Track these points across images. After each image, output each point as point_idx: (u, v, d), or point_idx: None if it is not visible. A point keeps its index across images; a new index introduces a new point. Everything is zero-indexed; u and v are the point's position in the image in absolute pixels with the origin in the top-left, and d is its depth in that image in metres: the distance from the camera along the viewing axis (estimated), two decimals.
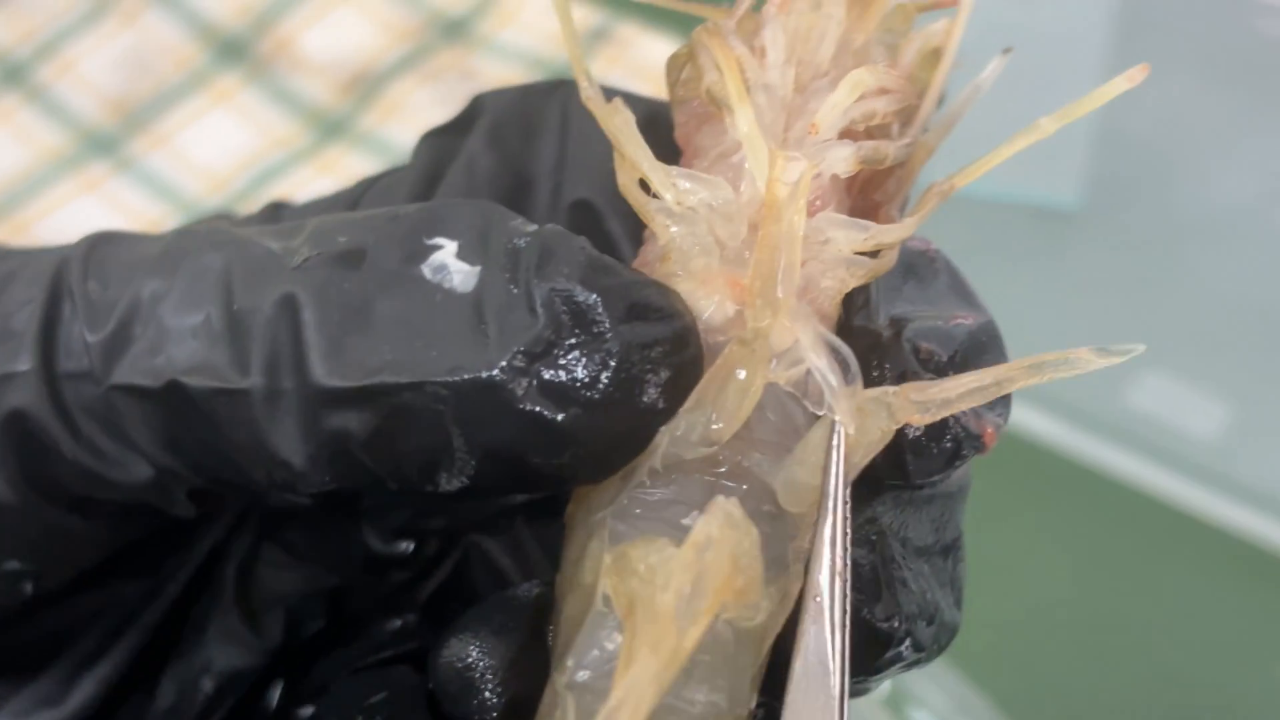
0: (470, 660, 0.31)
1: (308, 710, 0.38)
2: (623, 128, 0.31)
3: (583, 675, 0.29)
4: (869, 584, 0.31)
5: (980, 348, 0.33)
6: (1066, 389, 0.76)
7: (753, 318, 0.29)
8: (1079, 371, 0.30)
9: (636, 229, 0.35)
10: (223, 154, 0.90)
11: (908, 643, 0.32)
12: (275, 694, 0.38)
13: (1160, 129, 0.87)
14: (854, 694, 0.33)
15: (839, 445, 0.30)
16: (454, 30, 0.94)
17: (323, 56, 0.93)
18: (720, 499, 0.28)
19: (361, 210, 0.33)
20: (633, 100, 0.33)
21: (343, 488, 0.31)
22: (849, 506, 0.30)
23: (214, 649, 0.37)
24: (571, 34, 0.32)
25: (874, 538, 0.32)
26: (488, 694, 0.31)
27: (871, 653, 0.32)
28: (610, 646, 0.29)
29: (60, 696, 0.36)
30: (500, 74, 0.92)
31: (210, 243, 0.32)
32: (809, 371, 0.30)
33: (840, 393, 0.30)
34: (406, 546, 0.38)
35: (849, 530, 0.30)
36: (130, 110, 0.92)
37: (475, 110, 0.39)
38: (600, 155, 0.36)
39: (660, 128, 0.34)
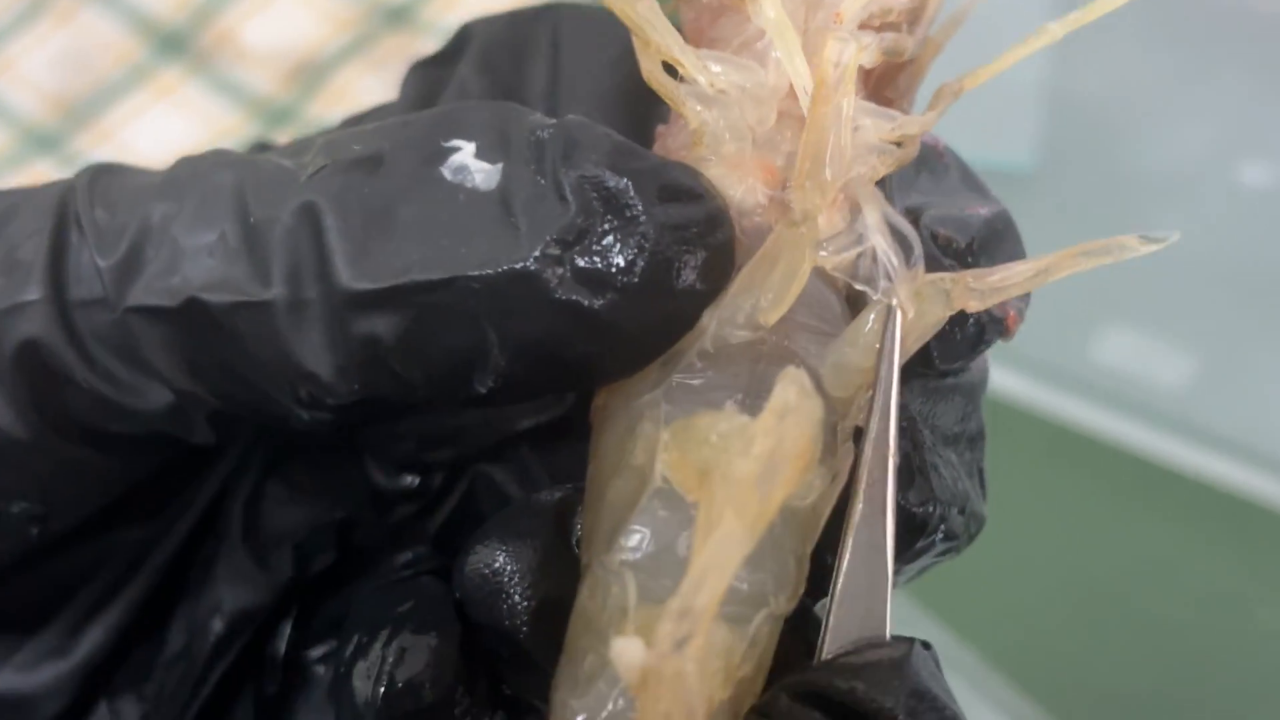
0: (497, 565, 0.31)
1: (319, 650, 0.37)
2: (647, 15, 0.30)
3: (641, 553, 0.29)
4: (903, 470, 0.31)
5: (997, 235, 0.33)
6: (1033, 346, 0.77)
7: (800, 200, 0.29)
8: (1124, 257, 0.31)
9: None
10: (167, 148, 0.88)
11: (941, 529, 0.32)
12: (286, 632, 0.37)
13: (1111, 89, 0.88)
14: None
15: (896, 328, 0.29)
16: (397, 16, 0.93)
17: (265, 47, 0.92)
18: (791, 368, 0.28)
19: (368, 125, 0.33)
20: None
21: (371, 397, 0.30)
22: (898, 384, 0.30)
23: (223, 588, 0.36)
24: None
25: (904, 425, 0.32)
26: (517, 598, 0.31)
27: (908, 539, 0.32)
28: (673, 522, 0.29)
29: (67, 647, 0.35)
30: None
31: (218, 163, 0.32)
32: (859, 254, 0.30)
33: (902, 275, 0.29)
34: (412, 480, 0.37)
35: (900, 414, 0.30)
36: (72, 107, 0.90)
37: (463, 39, 0.38)
38: (594, 74, 0.36)
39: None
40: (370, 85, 0.89)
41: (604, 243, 0.28)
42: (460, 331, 0.29)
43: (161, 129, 0.90)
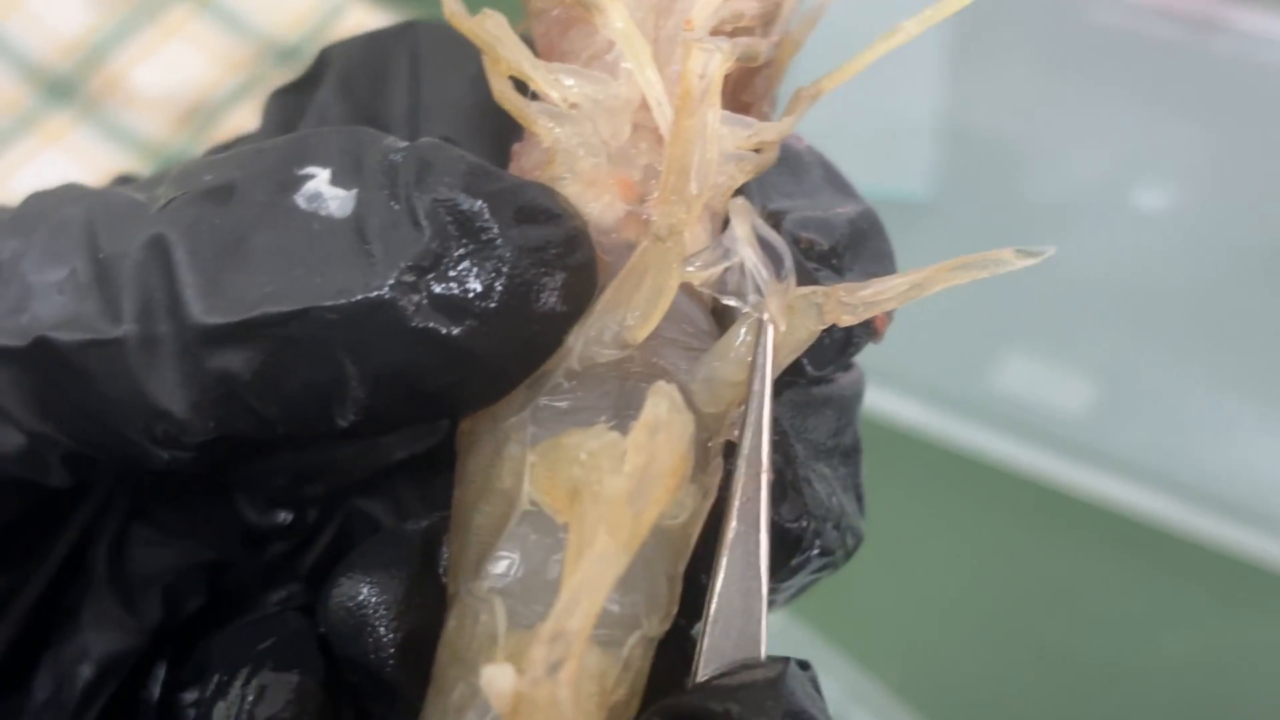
0: (361, 597, 0.30)
1: (193, 693, 0.36)
2: (496, 32, 0.30)
3: (510, 578, 0.28)
4: (775, 486, 0.31)
5: (862, 235, 0.32)
6: (934, 374, 0.77)
7: (665, 215, 0.29)
8: (1001, 271, 0.30)
9: (500, 164, 0.34)
10: None
11: (816, 544, 0.32)
12: (161, 676, 0.36)
13: (1003, 119, 0.89)
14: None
15: (768, 343, 0.29)
16: (288, 58, 0.93)
17: (156, 91, 0.91)
18: (662, 383, 0.28)
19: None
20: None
21: (228, 434, 0.30)
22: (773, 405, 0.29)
23: (90, 634, 0.35)
24: None
25: (777, 439, 0.31)
26: (383, 630, 0.30)
27: (782, 555, 0.31)
28: (542, 545, 0.28)
29: None
30: None
31: (68, 198, 0.31)
32: (727, 269, 0.29)
33: (773, 289, 0.29)
34: (285, 516, 0.37)
35: (772, 430, 0.29)
36: None
37: (322, 63, 0.37)
38: (455, 94, 0.35)
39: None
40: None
41: (460, 268, 0.28)
42: (317, 364, 0.28)
43: (50, 176, 0.88)
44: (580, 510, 0.27)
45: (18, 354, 0.29)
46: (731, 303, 0.29)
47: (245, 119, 0.90)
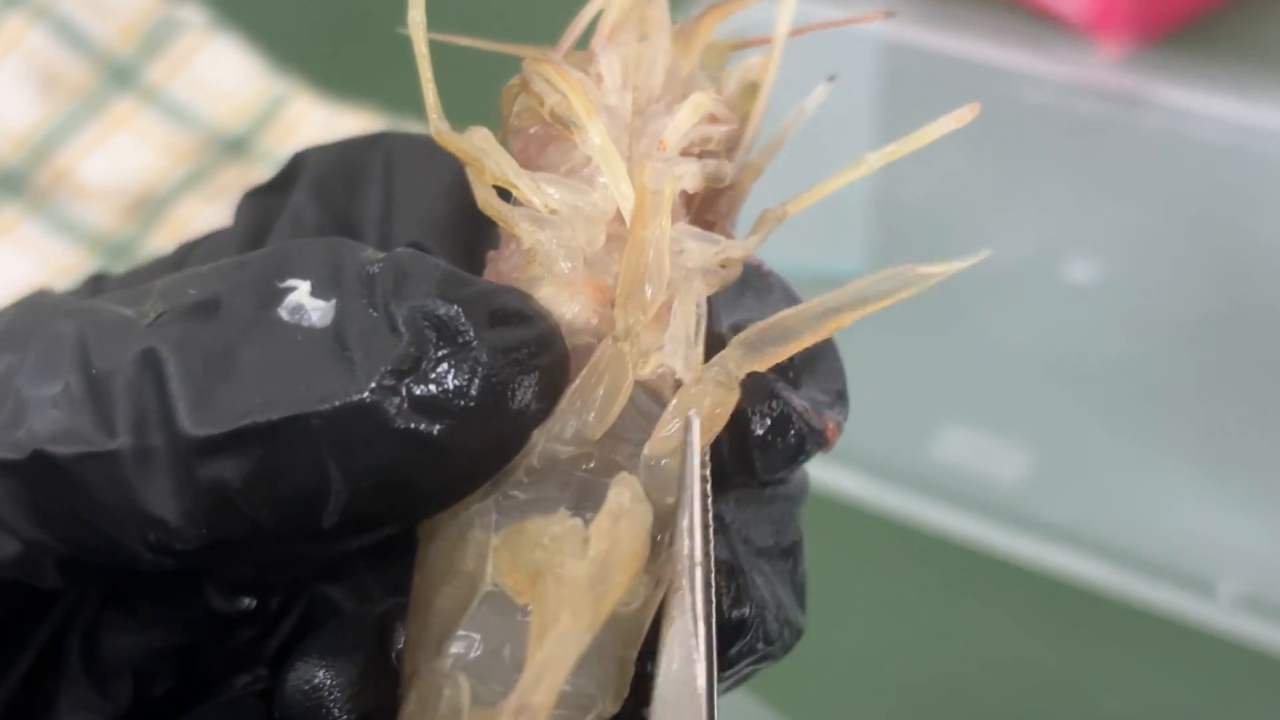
0: (317, 681, 0.31)
1: None
2: (482, 145, 0.32)
3: (473, 657, 0.29)
4: (717, 576, 0.32)
5: (816, 352, 0.34)
6: (874, 447, 0.78)
7: (622, 317, 0.30)
8: (905, 295, 0.32)
9: (470, 271, 0.35)
10: (6, 289, 0.87)
11: (759, 635, 0.33)
12: None
13: (935, 196, 0.90)
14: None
15: (694, 433, 0.30)
16: (235, 148, 0.94)
17: (103, 183, 0.92)
18: (625, 474, 0.29)
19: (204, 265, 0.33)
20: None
21: (217, 540, 0.31)
22: (709, 489, 0.30)
23: (66, 719, 0.36)
24: (425, 66, 0.32)
25: (719, 531, 0.32)
26: (336, 712, 0.31)
27: (721, 645, 0.32)
28: (505, 626, 0.29)
29: None
30: None
31: (59, 312, 0.32)
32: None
33: (686, 376, 0.30)
34: (249, 602, 0.37)
35: (709, 519, 0.30)
36: None
37: (296, 167, 0.39)
38: (426, 201, 0.36)
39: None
40: (210, 216, 0.90)
41: (439, 370, 0.29)
42: (304, 469, 0.29)
43: (2, 268, 0.89)
44: (543, 591, 0.28)
45: (16, 467, 0.30)
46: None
47: (193, 209, 0.91)
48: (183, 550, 0.31)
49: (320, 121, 0.94)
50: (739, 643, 0.32)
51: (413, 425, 0.29)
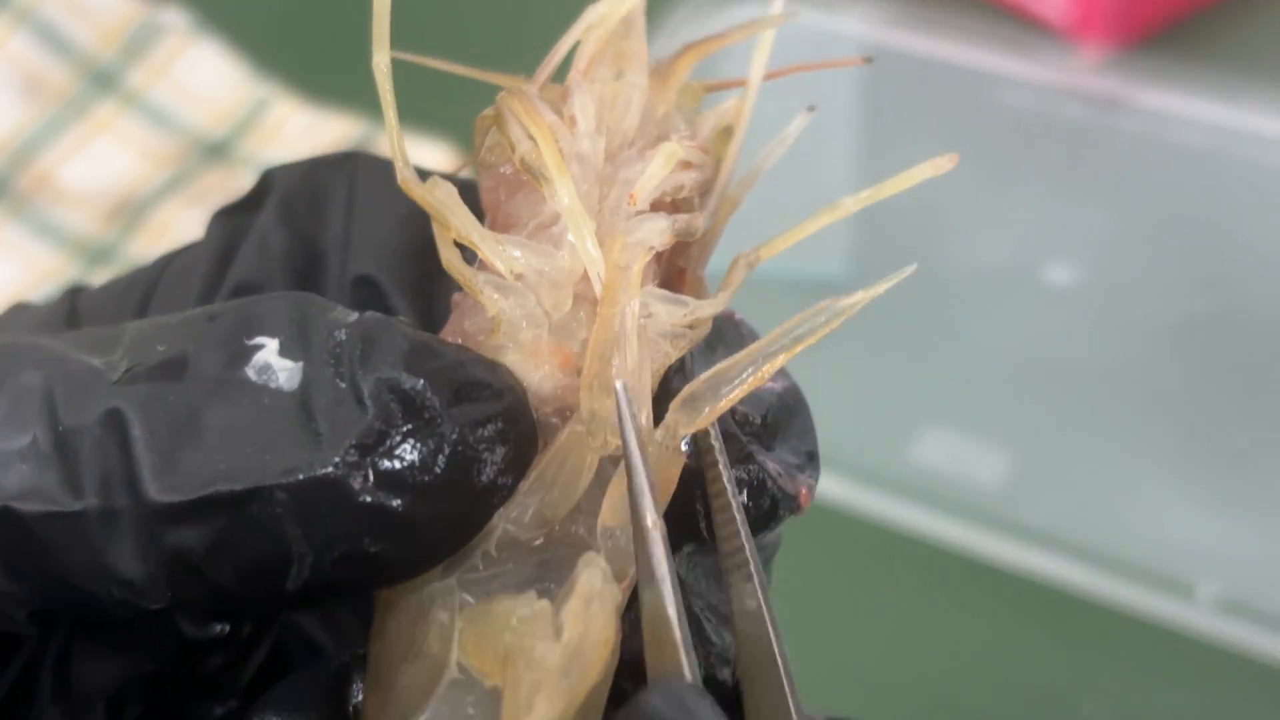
0: None
1: None
2: (446, 201, 0.31)
3: None
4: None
5: (789, 410, 0.34)
6: (854, 452, 0.78)
7: (587, 400, 0.30)
8: (831, 327, 0.31)
9: (420, 304, 0.35)
10: None
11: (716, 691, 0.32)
12: None
13: (915, 199, 0.90)
14: None
15: (628, 415, 0.30)
16: (215, 152, 0.94)
17: (84, 187, 0.92)
18: (592, 554, 0.29)
19: (173, 313, 0.33)
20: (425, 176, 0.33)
21: (184, 601, 0.31)
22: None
23: None
24: (391, 113, 0.32)
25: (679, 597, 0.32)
26: None
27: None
28: (469, 711, 0.29)
29: None
30: None
31: (26, 361, 0.32)
32: None
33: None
34: (221, 629, 0.37)
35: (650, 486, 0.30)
36: None
37: (265, 186, 0.39)
38: (383, 231, 0.36)
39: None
40: (190, 221, 0.90)
41: (403, 446, 0.29)
42: (268, 539, 0.29)
43: None
44: (514, 676, 0.28)
45: None
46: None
47: (174, 213, 0.91)
48: (147, 608, 0.31)
49: (302, 126, 0.94)
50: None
51: (376, 500, 0.29)
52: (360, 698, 0.32)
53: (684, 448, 0.31)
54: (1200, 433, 0.81)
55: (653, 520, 0.29)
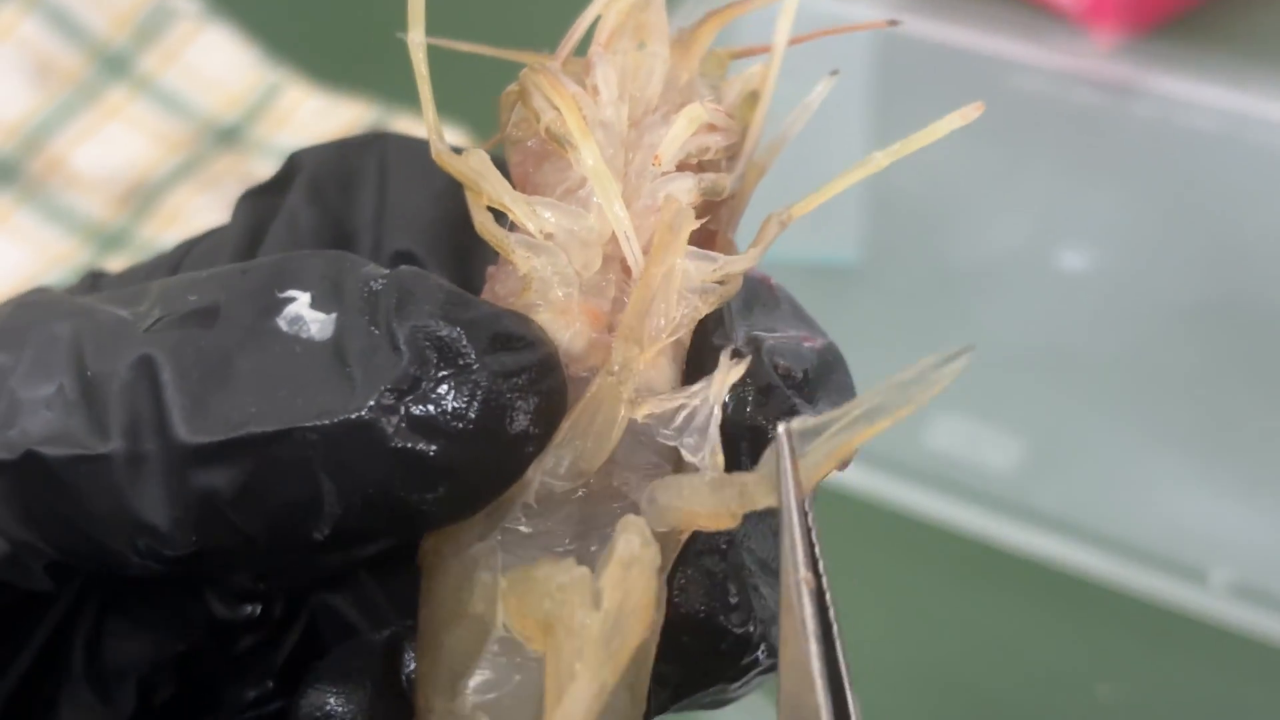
0: (329, 708, 0.32)
1: None
2: (479, 168, 0.31)
3: (489, 698, 0.30)
4: (721, 591, 0.32)
5: (828, 367, 0.33)
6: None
7: (621, 351, 0.30)
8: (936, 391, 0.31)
9: (458, 277, 0.35)
10: (0, 278, 0.88)
11: (763, 647, 0.33)
12: None
13: (928, 185, 0.90)
14: (719, 704, 0.34)
15: (789, 464, 0.29)
16: (227, 137, 0.94)
17: (96, 172, 0.92)
18: (630, 517, 0.29)
19: (201, 270, 0.33)
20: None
21: (207, 549, 0.31)
22: (809, 510, 0.30)
23: None
24: (425, 88, 0.32)
25: (724, 546, 0.33)
26: None
27: (733, 657, 0.32)
28: (517, 668, 0.30)
29: None
30: None
31: (55, 312, 0.32)
32: (679, 408, 0.31)
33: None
34: (252, 610, 0.37)
35: (813, 541, 0.30)
36: None
37: (293, 167, 0.38)
38: (418, 206, 0.36)
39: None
40: (202, 206, 0.90)
41: (438, 391, 0.28)
42: (297, 483, 0.29)
43: None
44: (556, 644, 0.28)
45: (7, 467, 0.30)
46: (668, 441, 0.31)
47: (186, 198, 0.91)
48: (171, 556, 0.31)
49: (313, 111, 0.94)
50: (745, 656, 0.32)
51: (409, 445, 0.28)
52: (413, 667, 0.32)
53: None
54: (1214, 418, 0.81)
55: (804, 575, 0.29)
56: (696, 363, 0.32)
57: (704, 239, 0.33)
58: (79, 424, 0.30)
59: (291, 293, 0.30)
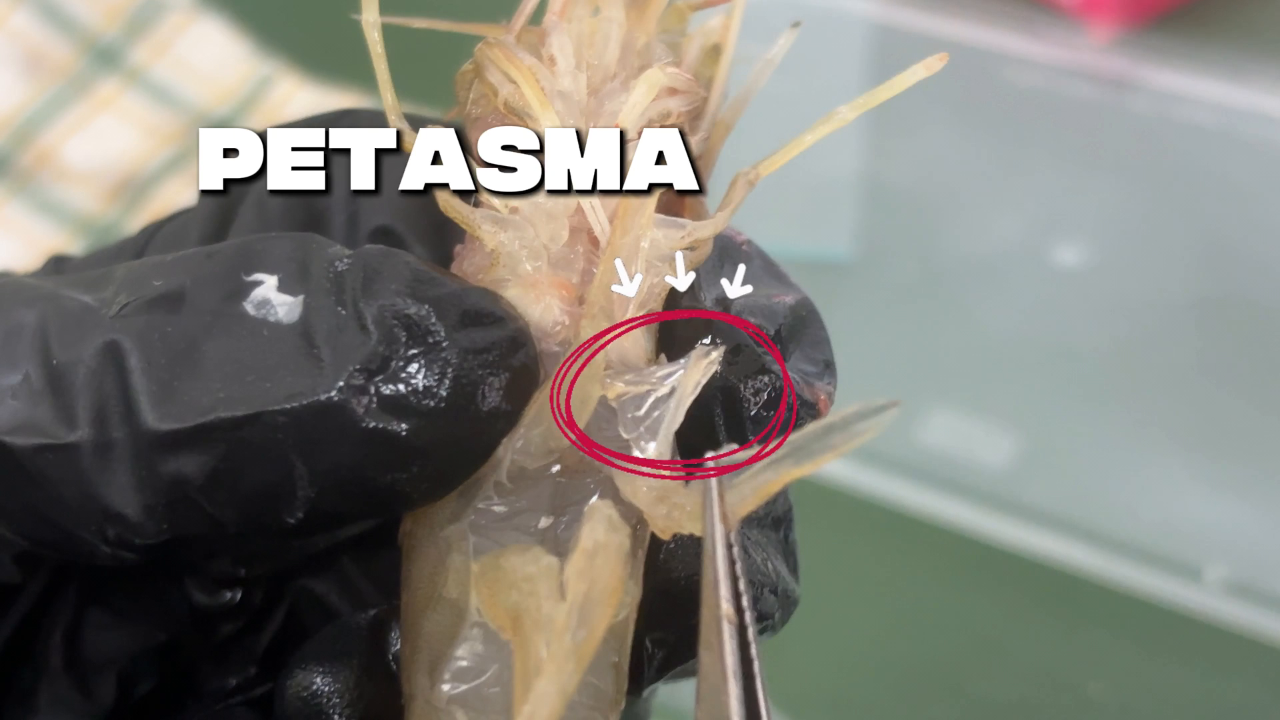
0: (315, 688, 0.31)
1: None
2: (442, 145, 0.31)
3: (466, 687, 0.29)
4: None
5: (802, 321, 0.33)
6: None
7: (591, 329, 0.30)
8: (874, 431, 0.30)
9: (440, 252, 0.35)
10: None
11: (756, 609, 0.32)
12: None
13: (923, 179, 0.90)
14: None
15: (715, 498, 0.29)
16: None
17: (87, 165, 0.91)
18: (596, 502, 0.29)
19: (167, 253, 0.33)
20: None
21: (178, 537, 0.30)
22: (734, 551, 0.29)
23: (45, 718, 0.35)
24: (382, 66, 0.32)
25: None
26: (337, 717, 0.31)
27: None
28: (493, 656, 0.29)
29: None
30: None
31: (19, 299, 0.31)
32: (648, 391, 0.30)
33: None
34: (232, 596, 0.37)
35: (737, 578, 0.29)
36: None
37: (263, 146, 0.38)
38: (394, 182, 0.36)
39: None
40: (193, 199, 0.89)
41: (408, 370, 0.28)
42: (268, 467, 0.29)
43: None
44: (523, 636, 0.28)
45: None
46: (627, 435, 0.30)
47: (177, 191, 0.91)
48: (142, 545, 0.30)
49: (306, 103, 0.94)
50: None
51: (380, 425, 0.28)
52: (399, 647, 0.32)
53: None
54: (1208, 414, 0.80)
55: (726, 610, 0.29)
56: (668, 328, 0.32)
57: (673, 202, 0.33)
58: (45, 413, 0.29)
59: (258, 276, 0.30)
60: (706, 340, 0.31)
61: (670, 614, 0.31)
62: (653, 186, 0.30)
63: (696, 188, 0.33)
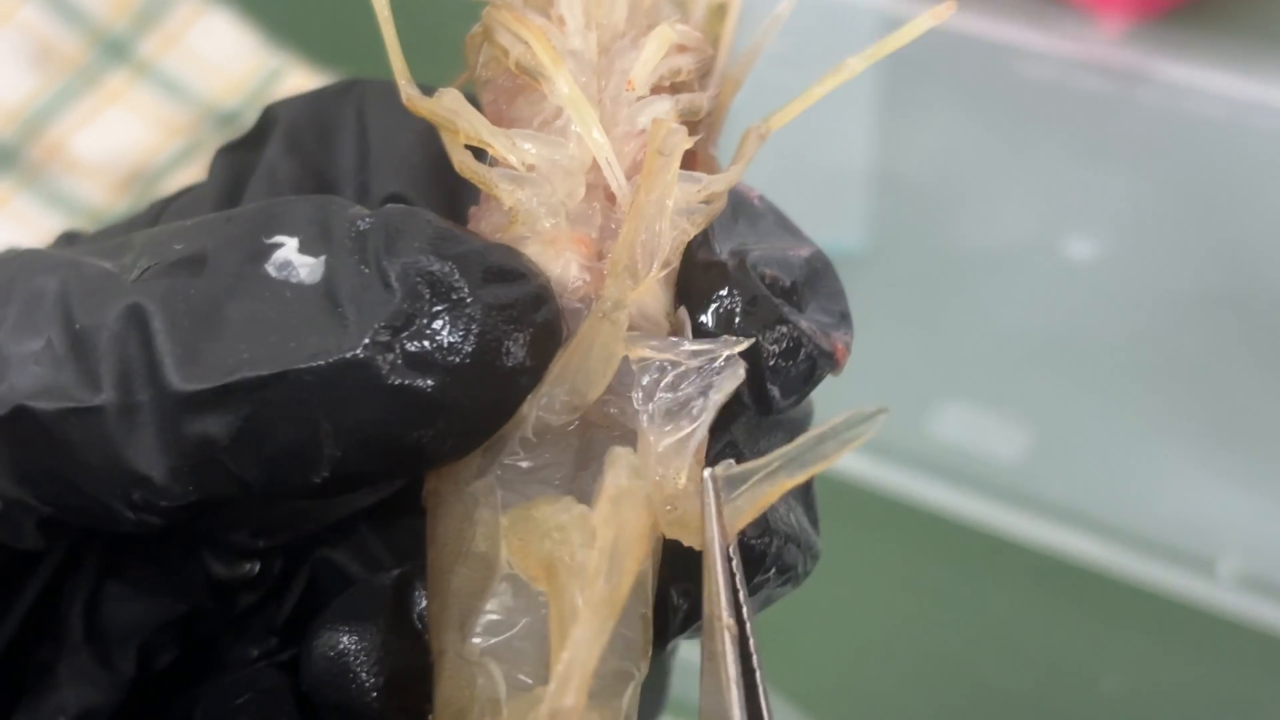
0: (342, 647, 0.32)
1: None
2: (453, 106, 0.31)
3: (498, 640, 0.30)
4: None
5: (817, 273, 0.33)
6: None
7: (613, 287, 0.30)
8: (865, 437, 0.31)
9: (452, 217, 0.35)
10: None
11: (779, 560, 0.32)
12: None
13: (935, 171, 0.90)
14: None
15: (714, 509, 0.30)
16: (227, 123, 0.93)
17: (96, 157, 0.91)
18: (617, 449, 0.29)
19: (188, 219, 0.32)
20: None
21: (204, 498, 0.30)
22: (733, 550, 0.30)
23: (67, 691, 0.35)
24: (390, 30, 0.32)
25: (735, 460, 0.32)
26: (365, 675, 0.31)
27: (748, 571, 0.32)
28: (524, 607, 0.30)
29: None
30: None
31: (40, 267, 0.31)
32: (669, 360, 0.30)
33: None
34: (250, 567, 0.37)
35: (737, 584, 0.30)
36: None
37: (268, 121, 0.38)
38: (404, 149, 0.36)
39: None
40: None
41: (433, 326, 0.28)
42: (294, 426, 0.29)
43: None
44: (557, 585, 0.28)
45: None
46: (637, 402, 0.30)
47: (186, 183, 0.90)
48: (167, 508, 0.30)
49: None
50: (761, 572, 0.32)
51: (406, 381, 0.28)
52: (423, 605, 0.32)
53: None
54: (1221, 407, 0.80)
55: (727, 622, 0.29)
56: (684, 281, 0.32)
57: (685, 158, 0.33)
58: (69, 377, 0.29)
59: (279, 238, 0.30)
60: (724, 312, 0.31)
61: (695, 565, 0.31)
62: (677, 143, 0.30)
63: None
